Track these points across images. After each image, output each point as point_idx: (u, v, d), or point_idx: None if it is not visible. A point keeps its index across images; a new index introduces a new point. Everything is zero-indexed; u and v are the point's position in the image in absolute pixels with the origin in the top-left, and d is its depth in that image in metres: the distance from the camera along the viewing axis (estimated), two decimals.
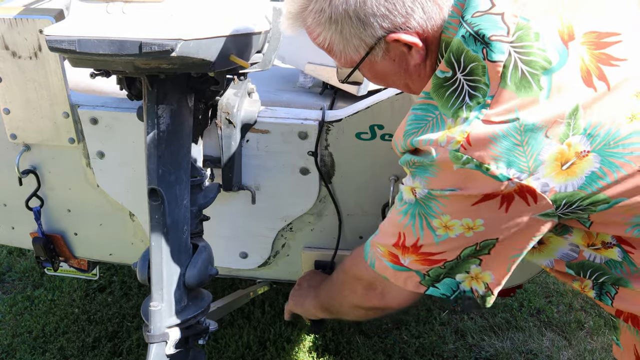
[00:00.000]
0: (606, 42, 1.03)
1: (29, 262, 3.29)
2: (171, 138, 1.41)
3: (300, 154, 1.69)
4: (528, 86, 0.98)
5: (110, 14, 1.19)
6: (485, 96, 1.00)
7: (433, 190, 1.06)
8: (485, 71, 1.00)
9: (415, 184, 1.09)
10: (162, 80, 1.36)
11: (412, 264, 1.17)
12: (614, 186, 1.01)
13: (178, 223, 1.44)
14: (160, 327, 1.42)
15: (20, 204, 1.94)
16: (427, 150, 1.05)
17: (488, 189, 1.01)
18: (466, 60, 1.02)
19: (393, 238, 1.17)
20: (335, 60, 1.17)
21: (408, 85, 1.19)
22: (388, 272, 1.22)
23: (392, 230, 1.18)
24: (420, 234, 1.12)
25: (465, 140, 0.99)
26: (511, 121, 0.98)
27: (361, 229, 1.83)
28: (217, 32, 1.23)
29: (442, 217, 1.08)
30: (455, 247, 1.11)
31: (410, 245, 1.15)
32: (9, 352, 2.68)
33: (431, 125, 1.06)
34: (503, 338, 2.75)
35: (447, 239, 1.10)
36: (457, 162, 1.00)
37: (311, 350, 2.68)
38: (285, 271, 1.98)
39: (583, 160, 1.00)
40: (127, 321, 2.84)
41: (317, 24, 1.09)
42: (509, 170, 0.99)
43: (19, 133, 1.81)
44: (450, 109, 1.03)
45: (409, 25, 1.06)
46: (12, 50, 1.66)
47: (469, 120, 1.00)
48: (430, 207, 1.09)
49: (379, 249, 1.22)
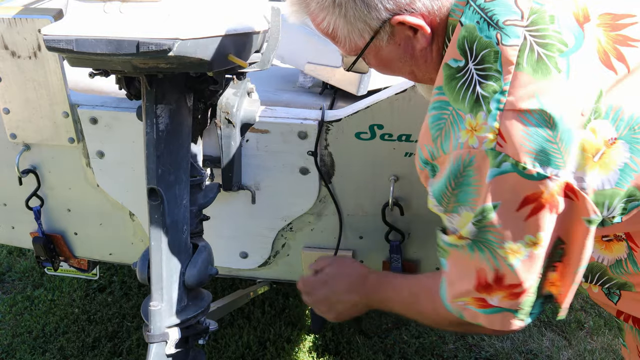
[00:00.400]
0: (622, 24, 1.01)
1: (29, 262, 3.29)
2: (170, 138, 1.41)
3: (300, 153, 1.69)
4: (545, 69, 0.94)
5: (108, 14, 1.19)
6: (500, 83, 0.95)
7: (482, 220, 1.00)
8: (498, 57, 0.96)
9: (462, 222, 1.03)
10: (160, 79, 1.36)
11: (502, 301, 1.08)
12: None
13: (178, 223, 1.44)
14: (160, 327, 1.42)
15: (20, 204, 1.94)
16: (458, 154, 0.99)
17: (528, 191, 0.96)
18: (478, 48, 0.99)
19: (472, 281, 1.08)
20: (339, 48, 1.15)
21: (414, 72, 1.16)
22: (481, 318, 1.11)
23: (466, 273, 1.08)
24: (496, 264, 1.04)
25: (500, 137, 0.95)
26: (538, 112, 0.93)
27: (361, 229, 1.82)
28: (215, 31, 1.23)
29: (504, 245, 1.01)
30: (533, 269, 1.03)
31: (493, 281, 1.06)
32: (9, 352, 2.68)
33: (449, 123, 1.01)
34: (503, 338, 2.75)
35: (520, 264, 1.02)
36: (494, 161, 0.95)
37: (311, 350, 2.68)
38: (285, 271, 1.98)
39: (612, 148, 0.96)
40: (127, 321, 2.84)
41: (320, 8, 1.07)
42: (545, 169, 0.94)
43: (19, 133, 1.81)
44: (464, 103, 0.99)
45: (413, 7, 1.03)
46: (11, 50, 1.66)
47: (492, 114, 0.95)
48: (489, 240, 1.02)
49: (461, 302, 1.12)
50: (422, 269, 1.86)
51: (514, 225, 0.99)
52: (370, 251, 1.86)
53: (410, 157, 1.64)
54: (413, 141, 1.61)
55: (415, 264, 1.84)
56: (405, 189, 1.71)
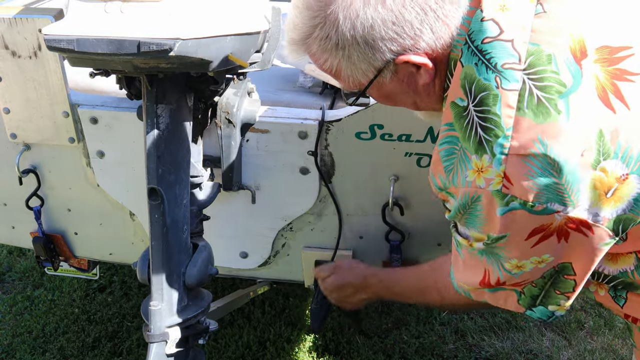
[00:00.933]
0: (619, 57, 1.01)
1: (29, 262, 3.29)
2: (171, 137, 1.41)
3: (300, 153, 1.69)
4: (546, 112, 0.96)
5: (109, 13, 1.19)
6: (501, 127, 0.98)
7: (491, 242, 1.07)
8: (498, 100, 0.98)
9: (473, 234, 1.10)
10: (161, 79, 1.36)
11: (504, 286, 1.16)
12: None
13: (178, 222, 1.44)
14: (160, 326, 1.42)
15: (20, 204, 1.94)
16: (466, 192, 1.04)
17: (536, 224, 1.01)
18: (477, 90, 1.01)
19: (478, 276, 1.16)
20: (341, 84, 1.15)
21: (416, 103, 1.18)
22: (486, 295, 1.20)
23: (475, 268, 1.16)
24: (499, 274, 1.12)
25: (506, 179, 0.98)
26: (542, 157, 0.96)
27: (361, 228, 1.82)
28: (215, 31, 1.23)
29: (510, 261, 1.09)
30: (536, 275, 1.11)
31: (494, 283, 1.15)
32: (9, 352, 2.68)
33: (458, 160, 1.05)
34: (503, 338, 2.75)
35: (523, 274, 1.11)
36: (501, 201, 0.99)
37: (311, 350, 2.68)
38: (285, 271, 1.98)
39: (625, 184, 0.99)
40: (127, 321, 2.84)
41: (322, 50, 1.07)
42: (552, 205, 0.98)
43: (19, 132, 1.81)
44: (469, 143, 1.02)
45: (417, 47, 1.04)
46: (12, 49, 1.66)
47: (497, 158, 0.98)
48: (497, 254, 1.10)
49: (465, 287, 1.22)
50: None
51: (521, 250, 1.06)
52: (370, 251, 1.86)
53: (410, 156, 1.64)
54: (413, 141, 1.61)
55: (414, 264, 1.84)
56: (405, 189, 1.71)
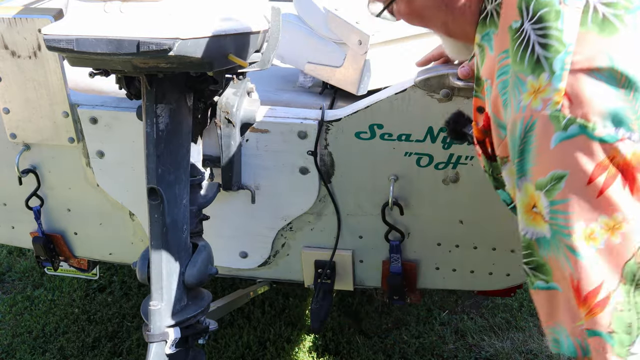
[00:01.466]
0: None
1: (29, 262, 3.29)
2: (170, 137, 1.41)
3: (300, 153, 1.69)
4: (612, 27, 0.87)
5: (108, 13, 1.19)
6: (563, 43, 0.87)
7: (551, 193, 0.88)
8: (560, 15, 0.89)
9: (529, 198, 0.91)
10: (160, 79, 1.36)
11: (587, 319, 0.86)
12: None
13: (177, 222, 1.44)
14: (160, 326, 1.42)
15: (20, 204, 1.94)
16: (519, 119, 0.90)
17: (598, 156, 0.84)
18: (536, 7, 0.91)
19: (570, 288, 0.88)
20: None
21: (447, 23, 1.08)
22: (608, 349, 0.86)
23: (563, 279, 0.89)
24: (570, 268, 0.87)
25: (565, 98, 0.86)
26: (608, 70, 0.85)
27: (361, 228, 1.82)
28: (215, 31, 1.23)
29: (574, 228, 0.86)
30: (610, 266, 0.85)
31: (574, 291, 0.87)
32: (9, 352, 2.68)
33: (511, 87, 0.94)
34: (503, 338, 2.75)
35: (594, 256, 0.85)
36: (559, 125, 0.85)
37: (311, 350, 2.68)
38: (285, 271, 1.98)
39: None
40: (127, 321, 2.84)
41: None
42: (617, 130, 0.84)
43: (19, 132, 1.81)
44: (524, 64, 0.91)
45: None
46: (11, 49, 1.66)
47: (556, 75, 0.87)
48: (560, 225, 0.88)
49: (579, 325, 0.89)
50: (421, 268, 1.86)
51: (585, 201, 0.85)
52: (370, 251, 1.86)
53: (409, 156, 1.64)
54: (412, 141, 1.61)
55: (414, 264, 1.85)
56: (405, 189, 1.71)
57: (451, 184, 1.67)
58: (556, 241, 0.89)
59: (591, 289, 0.85)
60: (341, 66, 1.81)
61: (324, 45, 1.84)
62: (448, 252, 1.81)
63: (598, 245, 0.85)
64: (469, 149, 1.60)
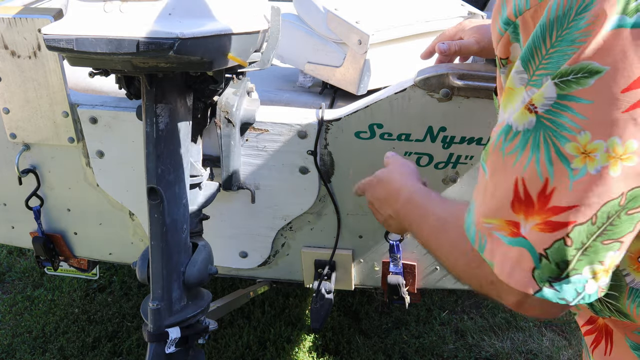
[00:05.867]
0: None
1: (29, 262, 3.29)
2: (170, 137, 1.41)
3: (300, 153, 1.69)
4: None
5: (108, 13, 1.20)
6: None
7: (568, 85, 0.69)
8: None
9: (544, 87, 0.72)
10: (160, 79, 1.36)
11: (532, 231, 0.75)
12: None
13: (177, 222, 1.44)
14: (159, 326, 1.42)
15: (20, 204, 1.94)
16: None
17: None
18: None
19: (508, 197, 0.76)
20: None
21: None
22: (497, 256, 0.78)
23: (504, 183, 0.77)
24: (549, 171, 0.72)
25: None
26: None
27: (361, 228, 1.82)
28: (215, 30, 1.23)
29: (579, 136, 0.70)
30: (593, 198, 0.71)
31: (536, 195, 0.73)
32: (9, 352, 2.68)
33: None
34: (503, 338, 2.75)
35: (583, 178, 0.70)
36: (628, 5, 0.66)
37: (311, 350, 2.68)
38: (285, 270, 1.98)
39: None
40: (127, 321, 2.84)
41: None
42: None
43: (19, 132, 1.81)
44: None
45: None
46: (11, 49, 1.66)
47: None
48: (560, 123, 0.71)
49: (489, 224, 0.80)
50: (421, 268, 1.86)
51: (606, 111, 0.68)
52: (370, 250, 1.86)
53: (409, 156, 1.64)
54: (412, 140, 1.61)
55: (414, 264, 1.85)
56: None
57: (451, 183, 1.67)
58: (536, 135, 0.73)
59: (560, 206, 0.72)
60: (341, 66, 1.81)
61: (324, 45, 1.84)
62: None
63: (591, 169, 0.70)
64: (469, 149, 1.60)
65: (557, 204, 0.72)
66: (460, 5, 2.01)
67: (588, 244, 0.73)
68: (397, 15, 1.84)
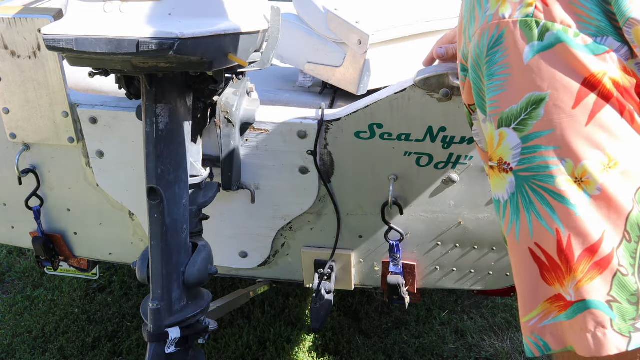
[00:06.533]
0: None
1: (29, 262, 3.29)
2: (170, 137, 1.41)
3: (300, 153, 1.69)
4: None
5: (108, 13, 1.19)
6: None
7: (524, 126, 0.68)
8: None
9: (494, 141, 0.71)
10: (160, 79, 1.36)
11: (582, 289, 0.67)
12: None
13: (177, 222, 1.44)
14: (159, 326, 1.42)
15: (19, 204, 1.94)
16: (484, 30, 0.72)
17: (583, 71, 0.67)
18: None
19: (534, 273, 0.70)
20: None
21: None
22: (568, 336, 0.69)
23: (522, 265, 0.71)
24: (554, 219, 0.67)
25: (540, 0, 0.69)
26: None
27: (360, 228, 1.82)
28: (214, 30, 1.23)
29: (562, 167, 0.67)
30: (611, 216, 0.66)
31: (556, 252, 0.67)
32: (9, 352, 2.68)
33: (475, 1, 0.76)
34: (503, 338, 2.75)
35: (590, 205, 0.66)
36: (532, 34, 0.68)
37: (311, 350, 2.68)
38: (285, 270, 1.98)
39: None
40: (127, 321, 2.84)
41: None
42: (604, 39, 0.67)
43: (19, 132, 1.81)
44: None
45: None
46: (11, 49, 1.66)
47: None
48: (539, 165, 0.69)
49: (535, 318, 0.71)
50: (421, 268, 1.86)
51: (571, 133, 0.66)
52: (370, 250, 1.86)
53: (409, 156, 1.64)
54: (412, 140, 1.61)
55: (414, 264, 1.85)
56: (404, 188, 1.71)
57: (451, 183, 1.67)
58: (523, 192, 0.69)
59: (590, 244, 0.66)
60: (341, 66, 1.81)
61: (324, 45, 1.84)
62: (448, 252, 1.81)
63: (592, 191, 0.66)
64: (469, 149, 1.60)
65: (585, 245, 0.66)
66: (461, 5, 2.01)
67: (637, 263, 0.67)
68: (397, 15, 1.85)
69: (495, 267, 1.81)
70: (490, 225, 1.71)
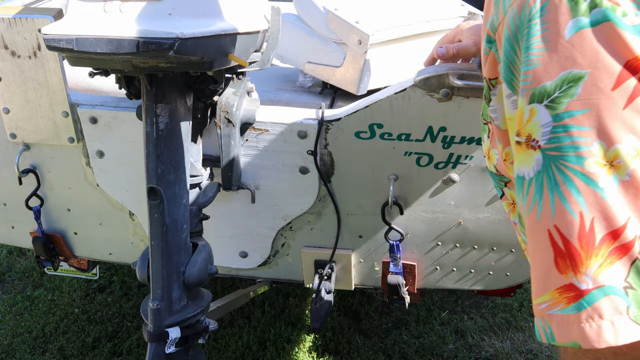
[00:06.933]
0: None
1: (29, 262, 3.29)
2: (170, 137, 1.41)
3: (300, 153, 1.69)
4: None
5: (108, 13, 1.19)
6: None
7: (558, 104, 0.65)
8: None
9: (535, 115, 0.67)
10: (160, 79, 1.36)
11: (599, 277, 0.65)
12: None
13: (177, 222, 1.44)
14: (159, 326, 1.42)
15: (20, 204, 1.94)
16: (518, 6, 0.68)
17: (629, 53, 0.63)
18: None
19: (549, 257, 0.68)
20: None
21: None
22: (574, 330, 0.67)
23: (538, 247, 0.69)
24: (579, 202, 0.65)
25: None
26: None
27: (361, 228, 1.82)
28: (215, 30, 1.23)
29: (593, 149, 0.65)
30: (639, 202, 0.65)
31: (576, 236, 0.65)
32: (9, 352, 2.68)
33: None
34: (503, 338, 2.75)
35: (618, 189, 0.64)
36: (577, 8, 0.65)
37: (311, 350, 2.68)
38: (285, 270, 1.98)
39: None
40: (127, 321, 2.84)
41: None
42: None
43: (19, 132, 1.81)
44: None
45: None
46: (11, 49, 1.66)
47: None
48: (569, 145, 0.66)
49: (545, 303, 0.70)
50: (421, 268, 1.86)
51: (607, 114, 0.64)
52: (370, 250, 1.86)
53: (409, 156, 1.64)
54: (412, 140, 1.61)
55: (414, 264, 1.85)
56: (404, 188, 1.71)
57: (451, 183, 1.67)
58: (549, 172, 0.67)
59: (614, 229, 0.64)
60: (341, 66, 1.81)
61: (324, 45, 1.84)
62: (448, 252, 1.81)
63: (622, 176, 0.64)
64: (469, 149, 1.60)
65: (608, 229, 0.65)
66: (460, 5, 2.01)
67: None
68: (397, 15, 1.85)
69: (495, 267, 1.81)
70: (490, 225, 1.71)
